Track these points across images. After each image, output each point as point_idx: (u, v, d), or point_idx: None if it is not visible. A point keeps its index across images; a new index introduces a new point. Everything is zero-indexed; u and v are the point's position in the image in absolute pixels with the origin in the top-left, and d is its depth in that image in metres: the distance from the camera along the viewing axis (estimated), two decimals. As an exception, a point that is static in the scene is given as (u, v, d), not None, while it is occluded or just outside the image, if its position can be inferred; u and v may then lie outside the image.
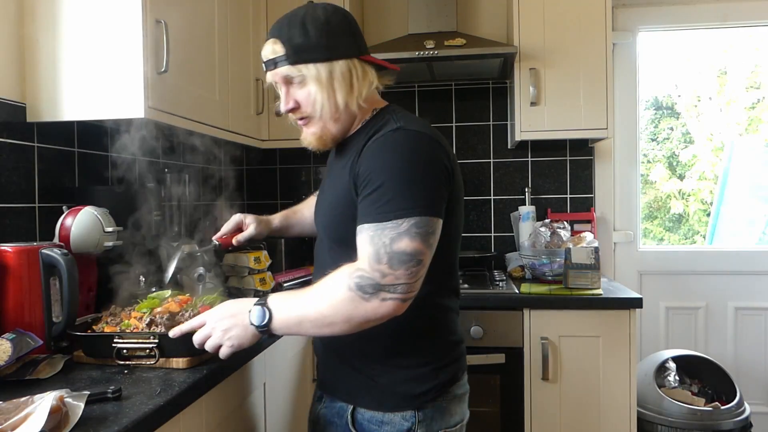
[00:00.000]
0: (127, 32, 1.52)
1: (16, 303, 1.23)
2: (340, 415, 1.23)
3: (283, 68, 1.17)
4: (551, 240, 2.37)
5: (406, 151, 1.10)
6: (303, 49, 1.15)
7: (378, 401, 1.19)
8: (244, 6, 2.28)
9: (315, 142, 1.23)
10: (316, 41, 1.15)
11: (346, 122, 1.22)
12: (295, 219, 1.62)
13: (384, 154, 1.11)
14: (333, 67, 1.16)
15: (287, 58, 1.16)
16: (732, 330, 2.80)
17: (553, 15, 2.41)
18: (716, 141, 3.03)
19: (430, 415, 1.19)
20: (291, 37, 1.15)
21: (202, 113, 1.86)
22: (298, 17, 1.16)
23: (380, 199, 1.07)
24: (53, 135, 1.66)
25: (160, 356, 1.17)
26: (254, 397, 1.48)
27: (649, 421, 2.31)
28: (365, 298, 1.03)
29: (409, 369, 1.19)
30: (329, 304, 1.05)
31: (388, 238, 1.04)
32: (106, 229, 1.48)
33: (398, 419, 1.18)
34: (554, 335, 2.10)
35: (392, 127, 1.14)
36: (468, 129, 2.83)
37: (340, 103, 1.17)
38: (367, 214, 1.08)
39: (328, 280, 1.07)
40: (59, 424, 0.86)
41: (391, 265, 1.03)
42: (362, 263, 1.05)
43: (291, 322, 1.08)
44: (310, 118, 1.20)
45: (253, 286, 2.08)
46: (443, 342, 1.24)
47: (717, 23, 2.81)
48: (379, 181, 1.08)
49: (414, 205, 1.05)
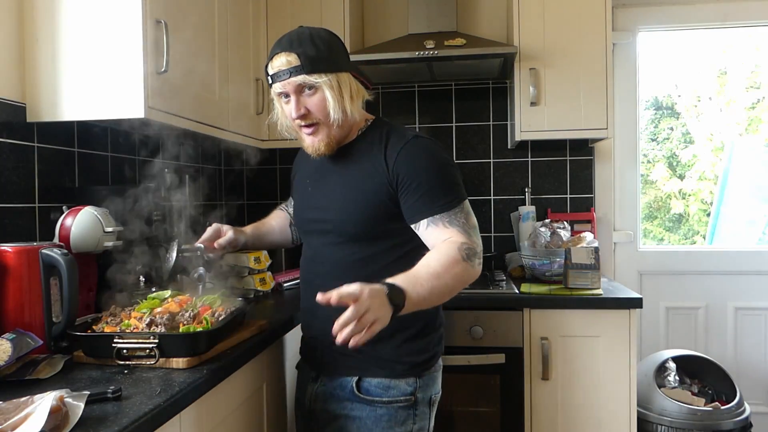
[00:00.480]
0: (127, 32, 1.52)
1: (16, 303, 1.23)
2: (343, 386, 1.39)
3: (298, 77, 1.30)
4: (551, 240, 2.37)
5: (438, 156, 1.36)
6: (317, 60, 1.29)
7: (388, 369, 1.37)
8: (244, 6, 2.28)
9: (324, 148, 1.36)
10: (327, 55, 1.31)
11: (346, 129, 1.38)
12: (265, 229, 1.71)
13: (422, 159, 1.34)
14: (340, 77, 1.33)
15: (303, 68, 1.29)
16: (732, 330, 2.80)
17: (553, 15, 2.41)
18: (716, 141, 3.03)
19: (427, 381, 1.41)
20: (305, 50, 1.29)
21: (202, 113, 1.86)
22: (305, 34, 1.32)
23: (437, 194, 1.31)
24: (53, 135, 1.66)
25: (160, 356, 1.18)
26: (254, 397, 1.49)
27: (649, 421, 2.31)
28: (472, 265, 1.27)
29: (413, 342, 1.38)
30: (452, 275, 1.23)
31: (463, 218, 1.32)
32: (106, 229, 1.48)
33: (403, 384, 1.37)
34: (554, 335, 2.10)
35: (408, 136, 1.37)
36: (468, 129, 2.83)
37: (348, 109, 1.33)
38: (433, 207, 1.31)
39: (442, 256, 1.25)
40: (59, 424, 0.86)
41: (476, 237, 1.32)
42: (460, 238, 1.28)
43: (421, 296, 1.19)
44: (318, 124, 1.34)
45: (253, 286, 2.09)
46: (434, 317, 1.44)
47: (717, 23, 2.81)
48: (430, 181, 1.32)
49: (460, 194, 1.34)
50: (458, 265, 1.25)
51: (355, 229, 1.37)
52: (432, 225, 1.31)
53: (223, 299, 1.48)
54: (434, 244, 1.30)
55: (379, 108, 2.84)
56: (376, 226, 1.36)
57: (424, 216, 1.31)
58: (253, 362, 1.43)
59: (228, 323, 1.33)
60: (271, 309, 1.91)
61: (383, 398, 1.36)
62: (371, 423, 1.36)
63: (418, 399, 1.39)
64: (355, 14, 2.65)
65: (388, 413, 1.36)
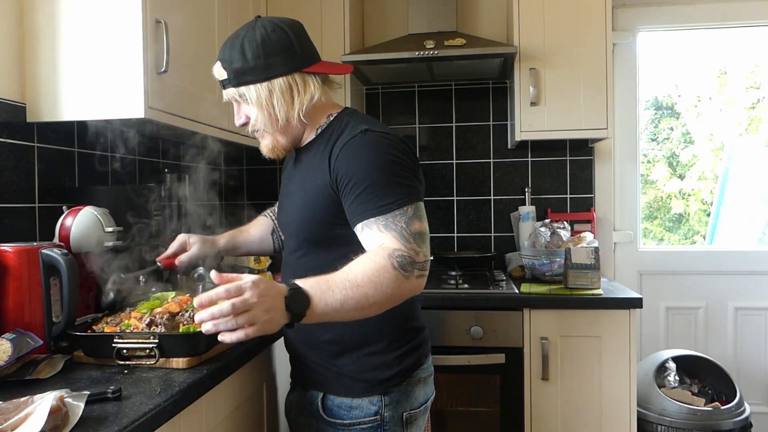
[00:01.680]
0: (127, 32, 1.52)
1: (16, 303, 1.23)
2: (311, 402, 1.32)
3: (229, 90, 1.28)
4: (551, 240, 2.37)
5: (382, 150, 1.19)
6: (242, 72, 1.23)
7: (346, 388, 1.28)
8: (244, 6, 2.28)
9: (268, 153, 1.33)
10: (254, 63, 1.22)
11: (294, 133, 1.31)
12: (242, 238, 1.63)
13: (362, 155, 1.19)
14: (272, 85, 1.24)
15: (230, 81, 1.26)
16: (732, 330, 2.80)
17: (553, 15, 2.41)
18: (716, 141, 3.03)
19: (396, 398, 1.28)
20: (232, 60, 1.24)
21: (202, 113, 1.86)
22: (238, 40, 1.24)
23: (375, 194, 1.15)
24: (53, 135, 1.66)
25: (160, 356, 1.17)
26: (254, 397, 1.49)
27: (649, 421, 2.31)
28: (406, 276, 1.10)
29: (375, 356, 1.27)
30: (374, 284, 1.07)
31: (404, 222, 1.13)
32: (106, 229, 1.48)
33: (366, 404, 1.27)
34: (554, 335, 2.10)
35: (358, 129, 1.22)
36: (468, 129, 2.83)
37: (281, 118, 1.25)
38: (368, 210, 1.15)
39: (366, 263, 1.09)
40: (59, 424, 0.86)
41: (418, 244, 1.13)
42: (394, 244, 1.11)
43: (331, 307, 1.04)
44: (260, 131, 1.30)
45: (253, 286, 2.08)
46: (406, 329, 1.32)
47: (717, 23, 2.81)
48: (368, 180, 1.16)
49: (408, 194, 1.16)
50: (384, 274, 1.07)
51: (306, 235, 1.30)
52: (366, 229, 1.15)
53: None
54: (363, 253, 1.14)
55: (379, 108, 2.84)
56: (327, 231, 1.25)
57: (360, 219, 1.16)
58: (253, 362, 1.43)
59: (228, 323, 1.33)
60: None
61: (345, 420, 1.27)
62: None
63: (386, 418, 1.27)
64: (355, 14, 2.65)
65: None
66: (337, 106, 1.35)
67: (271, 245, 1.65)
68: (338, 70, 1.34)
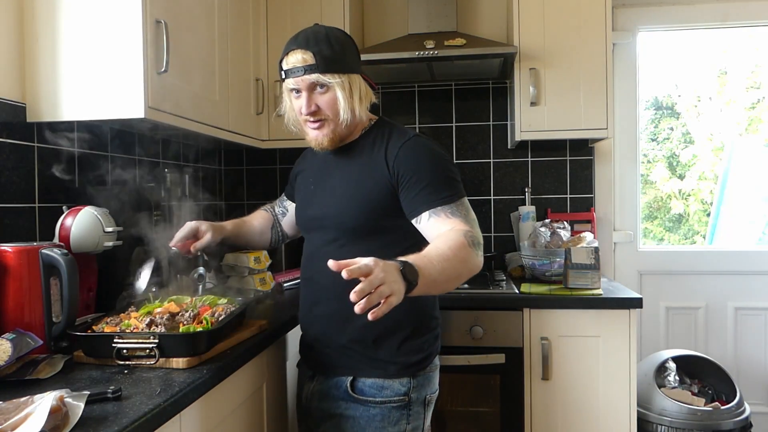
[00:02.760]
0: (127, 32, 1.52)
1: (16, 303, 1.23)
2: (338, 386, 1.40)
3: (313, 75, 1.32)
4: (551, 240, 2.37)
5: (435, 152, 1.39)
6: (331, 60, 1.32)
7: (380, 369, 1.38)
8: (244, 6, 2.28)
9: (327, 143, 1.39)
10: (341, 56, 1.34)
11: (351, 127, 1.42)
12: (246, 228, 1.69)
13: (421, 156, 1.36)
14: (352, 79, 1.36)
15: (317, 67, 1.32)
16: (732, 330, 2.80)
17: (553, 15, 2.41)
18: (716, 141, 3.03)
19: (421, 381, 1.41)
20: (321, 49, 1.32)
21: (202, 113, 1.86)
22: (322, 34, 1.34)
23: (438, 187, 1.33)
24: (53, 135, 1.66)
25: (160, 356, 1.17)
26: (254, 397, 1.49)
27: (649, 421, 2.31)
28: (476, 254, 1.26)
29: (406, 341, 1.39)
30: (460, 259, 1.21)
31: (465, 210, 1.33)
32: (106, 229, 1.48)
33: (397, 384, 1.38)
34: (554, 335, 2.10)
35: (408, 135, 1.40)
36: (468, 129, 2.83)
37: (356, 109, 1.37)
38: (434, 200, 1.32)
39: (449, 241, 1.23)
40: (59, 424, 0.86)
41: (478, 229, 1.31)
42: (464, 226, 1.28)
43: (433, 277, 1.14)
44: (325, 120, 1.37)
45: (253, 286, 2.09)
46: (430, 317, 1.46)
47: (717, 23, 2.81)
48: (430, 176, 1.34)
49: (460, 190, 1.36)
50: (465, 250, 1.23)
51: (352, 224, 1.39)
52: (434, 216, 1.32)
53: (226, 299, 1.48)
54: (438, 235, 1.29)
55: (379, 108, 2.83)
56: (374, 221, 1.37)
57: (427, 208, 1.32)
58: (253, 362, 1.43)
59: (228, 323, 1.33)
60: (271, 309, 1.91)
61: (376, 398, 1.38)
62: (364, 422, 1.38)
63: (412, 399, 1.39)
64: (355, 14, 2.64)
65: (381, 413, 1.38)
66: (373, 115, 1.50)
67: (269, 239, 1.74)
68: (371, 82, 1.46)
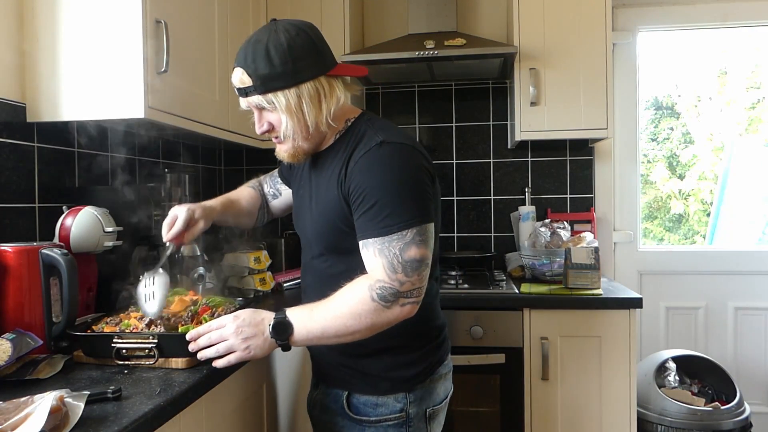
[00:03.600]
0: (127, 32, 1.52)
1: (16, 303, 1.23)
2: (336, 400, 1.34)
3: (253, 98, 1.21)
4: (551, 240, 2.37)
5: (395, 166, 1.18)
6: (269, 78, 1.18)
7: (371, 386, 1.30)
8: (244, 6, 2.28)
9: (288, 158, 1.29)
10: (282, 69, 1.17)
11: (317, 138, 1.28)
12: (234, 209, 1.56)
13: (375, 171, 1.17)
14: (301, 91, 1.19)
15: (255, 89, 1.19)
16: (732, 330, 2.80)
17: (553, 15, 2.41)
18: (716, 141, 3.03)
19: (420, 395, 1.31)
20: (257, 67, 1.18)
21: (202, 113, 1.86)
22: (261, 45, 1.18)
23: (380, 213, 1.15)
24: (53, 135, 1.66)
25: (159, 356, 1.17)
26: (254, 397, 1.48)
27: (649, 421, 2.31)
28: (387, 307, 1.14)
29: (399, 356, 1.30)
30: (354, 316, 1.13)
31: (398, 249, 1.14)
32: (106, 229, 1.48)
33: (391, 401, 1.29)
34: (554, 335, 2.10)
35: (375, 141, 1.20)
36: (468, 129, 2.83)
37: (311, 124, 1.22)
38: (370, 228, 1.16)
39: (348, 293, 1.16)
40: (59, 424, 0.86)
41: (406, 273, 1.14)
42: (379, 274, 1.14)
43: (312, 335, 1.16)
44: (281, 138, 1.26)
45: (253, 286, 2.09)
46: (429, 328, 1.35)
47: (717, 23, 2.81)
48: (376, 197, 1.15)
49: (413, 215, 1.15)
50: (363, 306, 1.13)
51: (325, 243, 1.30)
52: (365, 249, 1.17)
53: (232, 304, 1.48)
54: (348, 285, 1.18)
55: (379, 108, 2.84)
56: (343, 241, 1.24)
57: (362, 237, 1.18)
58: (253, 362, 1.43)
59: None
60: (271, 309, 1.90)
61: (371, 417, 1.29)
62: None
63: (411, 415, 1.30)
64: (355, 14, 2.64)
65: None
66: (355, 110, 1.33)
67: (254, 219, 1.62)
68: (356, 72, 1.32)
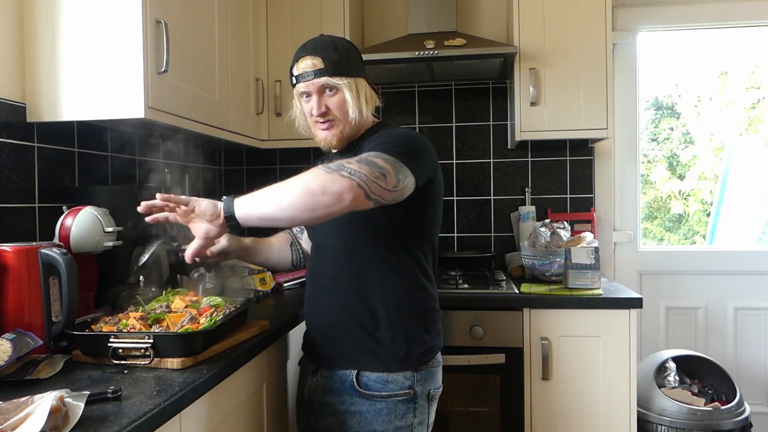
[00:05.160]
0: (127, 32, 1.52)
1: (15, 303, 1.23)
2: (342, 380, 1.41)
3: (322, 78, 1.40)
4: (551, 240, 2.37)
5: (403, 133, 1.41)
6: (339, 64, 1.40)
7: (382, 363, 1.39)
8: (244, 6, 2.28)
9: (336, 142, 1.45)
10: (347, 61, 1.42)
11: (357, 127, 1.47)
12: (264, 245, 1.68)
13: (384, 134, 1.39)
14: (359, 82, 1.44)
15: (326, 71, 1.40)
16: (732, 330, 2.80)
17: (553, 15, 2.41)
18: (716, 141, 3.03)
19: (424, 376, 1.43)
20: (329, 55, 1.40)
21: (202, 113, 1.86)
22: (329, 41, 1.43)
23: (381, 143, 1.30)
24: (53, 135, 1.66)
25: (155, 356, 1.17)
26: (254, 397, 1.49)
27: (649, 421, 2.31)
28: (327, 171, 1.18)
29: (410, 332, 1.40)
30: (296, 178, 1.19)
31: (372, 155, 1.24)
32: (106, 229, 1.48)
33: (401, 378, 1.39)
34: (554, 335, 2.10)
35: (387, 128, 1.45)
36: (468, 129, 2.83)
37: (364, 110, 1.44)
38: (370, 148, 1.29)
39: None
40: (59, 424, 0.86)
41: (360, 162, 1.21)
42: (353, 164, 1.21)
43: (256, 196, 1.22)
44: (334, 121, 1.43)
45: (253, 286, 2.09)
46: (432, 309, 1.47)
47: (717, 23, 2.81)
48: (382, 139, 1.33)
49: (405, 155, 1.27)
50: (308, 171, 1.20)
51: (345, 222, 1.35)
52: None
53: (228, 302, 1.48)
54: None
55: (379, 108, 2.83)
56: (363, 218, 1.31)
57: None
58: (253, 362, 1.43)
59: (224, 324, 1.33)
60: (271, 309, 1.90)
61: (382, 392, 1.39)
62: (371, 417, 1.39)
63: (417, 393, 1.41)
64: (355, 14, 2.64)
65: (387, 407, 1.39)
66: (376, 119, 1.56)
67: (290, 257, 1.73)
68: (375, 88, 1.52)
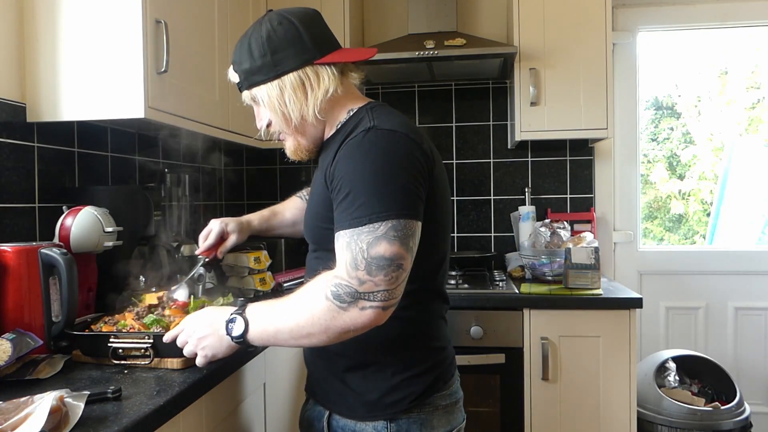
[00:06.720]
0: (127, 32, 1.52)
1: (15, 303, 1.23)
2: (319, 419, 1.22)
3: (243, 93, 1.21)
4: (551, 240, 2.37)
5: (379, 153, 1.05)
6: (251, 72, 1.17)
7: (350, 409, 1.17)
8: (244, 6, 2.28)
9: (292, 155, 1.25)
10: (261, 62, 1.15)
11: (313, 132, 1.21)
12: (276, 221, 1.59)
13: (355, 157, 1.06)
14: (282, 83, 1.15)
15: (242, 84, 1.20)
16: (732, 330, 2.80)
17: (553, 15, 2.41)
18: (716, 141, 3.03)
19: (405, 427, 1.14)
20: (240, 62, 1.18)
21: (202, 113, 1.86)
22: (246, 40, 1.17)
23: (354, 203, 1.02)
24: (53, 135, 1.66)
25: (155, 356, 1.17)
26: (254, 397, 1.48)
27: (649, 421, 2.31)
28: (343, 308, 0.99)
29: (381, 377, 1.15)
30: (307, 314, 1.01)
31: (365, 243, 0.99)
32: (106, 229, 1.48)
33: (370, 429, 1.15)
34: (554, 335, 2.10)
35: (365, 127, 1.09)
36: (468, 129, 2.83)
37: (296, 117, 1.16)
38: (343, 219, 1.04)
39: (306, 289, 1.05)
40: (59, 424, 0.86)
41: (369, 272, 0.99)
42: (340, 271, 1.01)
43: (267, 333, 1.06)
44: (282, 133, 1.23)
45: (253, 286, 2.08)
46: (422, 349, 1.18)
47: (717, 23, 2.81)
48: (351, 185, 1.04)
49: (390, 207, 1.01)
50: (317, 304, 1.00)
51: (315, 238, 1.23)
52: (337, 243, 1.05)
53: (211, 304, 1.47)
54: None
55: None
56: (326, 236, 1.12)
57: (336, 229, 1.05)
58: (253, 362, 1.43)
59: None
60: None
61: None
62: None
63: None
64: (355, 14, 2.64)
65: None
66: (362, 100, 1.22)
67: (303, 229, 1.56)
68: (358, 56, 1.22)
